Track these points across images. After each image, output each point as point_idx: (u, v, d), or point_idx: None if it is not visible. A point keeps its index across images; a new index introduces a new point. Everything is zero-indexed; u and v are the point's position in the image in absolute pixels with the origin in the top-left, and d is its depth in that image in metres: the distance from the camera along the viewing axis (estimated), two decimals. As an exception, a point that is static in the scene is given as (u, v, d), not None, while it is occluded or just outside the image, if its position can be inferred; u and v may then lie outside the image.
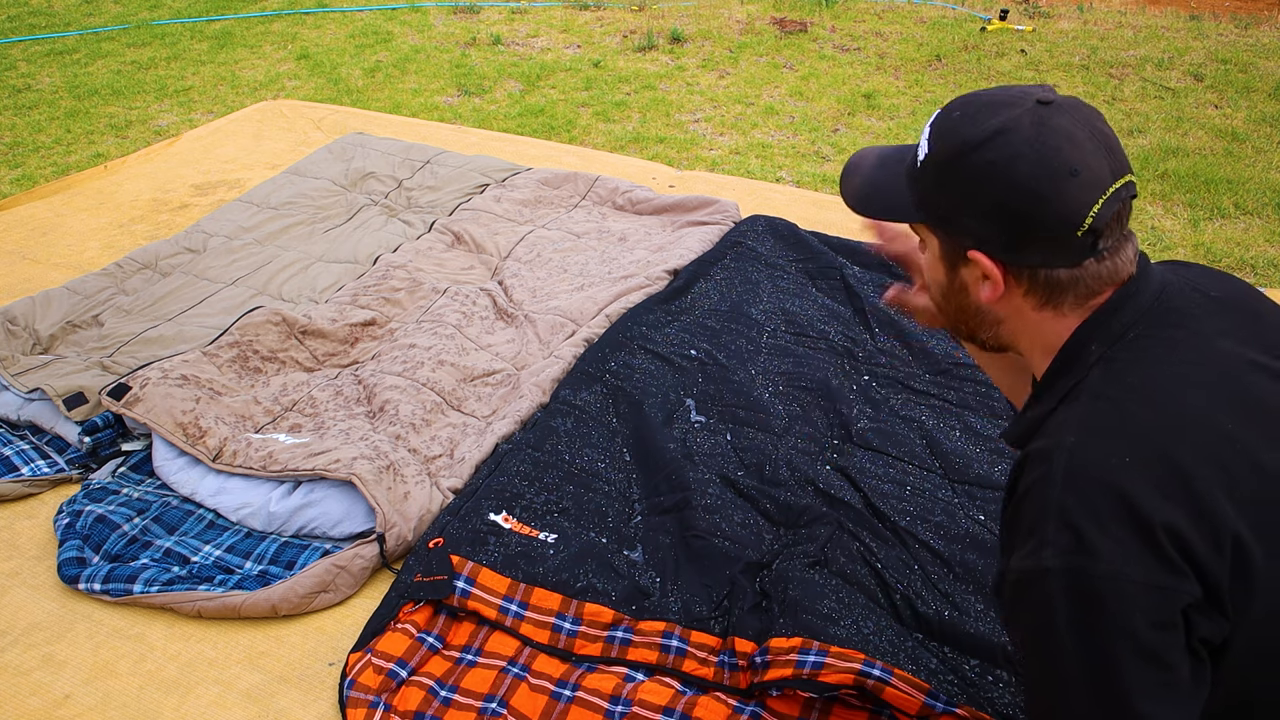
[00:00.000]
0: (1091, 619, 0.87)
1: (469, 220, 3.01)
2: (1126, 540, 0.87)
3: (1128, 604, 0.86)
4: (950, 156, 0.98)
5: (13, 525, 1.97)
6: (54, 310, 2.52)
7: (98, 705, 1.60)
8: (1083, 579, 0.87)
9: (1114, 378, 0.96)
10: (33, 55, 5.48)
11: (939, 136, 1.01)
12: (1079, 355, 0.99)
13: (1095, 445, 0.92)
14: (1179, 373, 0.94)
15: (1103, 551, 0.86)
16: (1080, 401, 0.95)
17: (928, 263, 1.08)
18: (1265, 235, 3.35)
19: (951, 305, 1.08)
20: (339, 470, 1.90)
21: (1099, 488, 0.89)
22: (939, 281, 1.08)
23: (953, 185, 0.99)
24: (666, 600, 1.70)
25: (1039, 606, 0.90)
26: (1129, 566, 0.86)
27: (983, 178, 0.96)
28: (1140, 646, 0.86)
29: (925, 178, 1.02)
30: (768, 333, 2.46)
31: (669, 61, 5.16)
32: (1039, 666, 0.93)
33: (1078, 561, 0.87)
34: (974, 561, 1.77)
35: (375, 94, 4.82)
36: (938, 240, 1.04)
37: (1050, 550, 0.89)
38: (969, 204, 0.98)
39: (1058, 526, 0.89)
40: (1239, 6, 5.86)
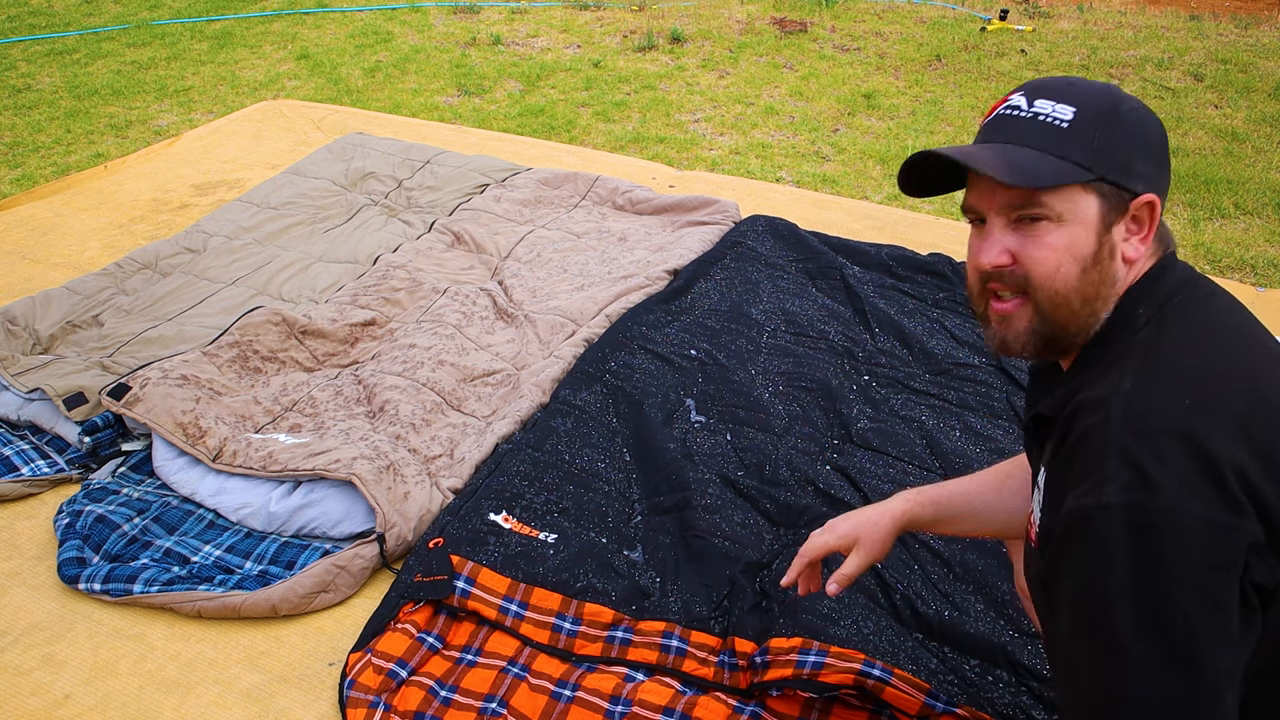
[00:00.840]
0: (1151, 554, 0.86)
1: (469, 220, 3.01)
2: (1189, 477, 0.86)
3: (1188, 541, 0.85)
4: (1109, 105, 1.01)
5: (13, 525, 1.97)
6: (54, 310, 2.52)
7: (98, 705, 1.60)
8: (1144, 514, 0.86)
9: (1163, 333, 0.98)
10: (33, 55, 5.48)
11: (1068, 97, 1.02)
12: (1126, 319, 1.01)
13: (1154, 389, 0.92)
14: (1222, 330, 0.99)
15: (1165, 487, 0.86)
16: (1134, 356, 0.97)
17: (1064, 241, 1.01)
18: (1265, 235, 3.34)
19: (1092, 280, 1.01)
20: (339, 470, 1.90)
21: (1161, 426, 0.89)
22: (1082, 256, 1.01)
23: (1125, 129, 1.01)
24: (666, 600, 1.70)
25: (1096, 543, 0.89)
26: (1191, 503, 0.86)
27: (1144, 119, 1.01)
28: (1197, 585, 0.85)
29: (1091, 132, 1.00)
30: (768, 333, 2.46)
31: (669, 61, 5.16)
32: (1086, 606, 0.91)
33: (1139, 497, 0.87)
34: (974, 561, 1.76)
35: (375, 94, 4.82)
36: (1098, 201, 1.00)
37: (1112, 486, 0.88)
38: (1142, 146, 1.01)
39: (1118, 464, 0.88)
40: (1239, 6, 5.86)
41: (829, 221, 3.08)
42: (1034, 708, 1.51)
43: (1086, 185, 1.00)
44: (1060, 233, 1.01)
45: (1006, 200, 1.02)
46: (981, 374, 2.30)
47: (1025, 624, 1.64)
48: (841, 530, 1.31)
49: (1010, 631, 1.63)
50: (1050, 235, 1.01)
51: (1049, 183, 1.00)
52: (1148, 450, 0.88)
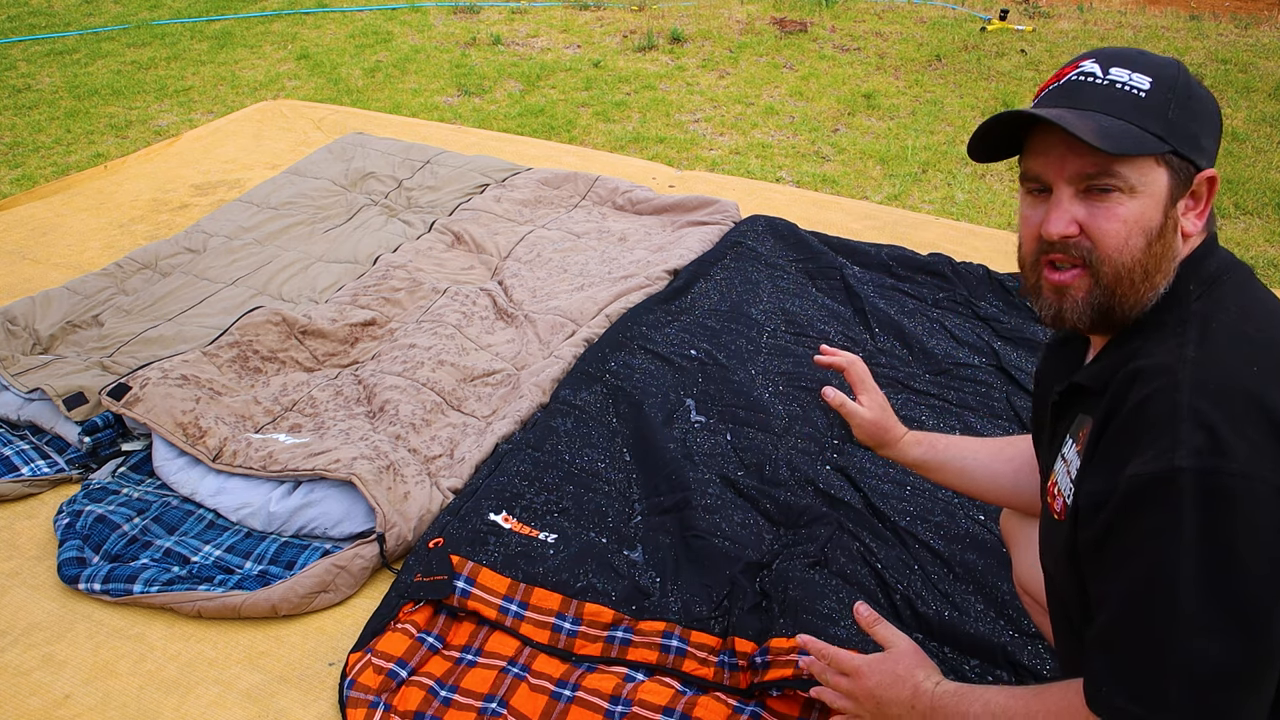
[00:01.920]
0: (1223, 517, 0.85)
1: (469, 220, 3.01)
2: (1262, 443, 0.86)
3: (1261, 506, 0.85)
4: (1180, 78, 1.00)
5: (13, 525, 1.97)
6: (54, 310, 2.52)
7: (98, 705, 1.60)
8: (1217, 478, 0.85)
9: (1219, 308, 0.98)
10: (33, 55, 5.47)
11: (1142, 66, 1.01)
12: (1179, 293, 1.01)
13: (1220, 356, 0.92)
14: (1272, 307, 0.99)
15: (1239, 452, 0.85)
16: (1192, 325, 0.96)
17: (1134, 213, 0.99)
18: (1265, 235, 3.34)
19: (1155, 253, 1.00)
20: (339, 470, 1.90)
21: (1232, 392, 0.89)
22: (1149, 228, 0.99)
23: (1194, 105, 1.00)
24: (666, 600, 1.70)
25: (1164, 507, 0.87)
26: (1265, 468, 0.85)
27: (1206, 95, 1.01)
28: (1267, 550, 0.85)
29: (1167, 105, 0.99)
30: (768, 333, 2.46)
31: (669, 61, 5.16)
32: (1147, 569, 0.89)
33: (1212, 462, 0.86)
34: (974, 561, 1.76)
35: (375, 94, 4.82)
36: (1168, 174, 0.99)
37: (1184, 450, 0.87)
38: (1208, 121, 1.01)
39: (1191, 428, 0.87)
40: (1239, 6, 5.86)
41: (829, 221, 3.08)
42: (1034, 708, 1.50)
43: (1159, 157, 0.99)
44: (1132, 204, 0.99)
45: (1079, 169, 0.99)
46: (981, 374, 2.30)
47: (1025, 624, 1.64)
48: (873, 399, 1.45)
49: (1010, 631, 1.63)
50: (1121, 207, 0.99)
51: (1133, 151, 0.98)
52: (1221, 414, 0.87)
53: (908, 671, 1.15)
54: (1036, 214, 1.04)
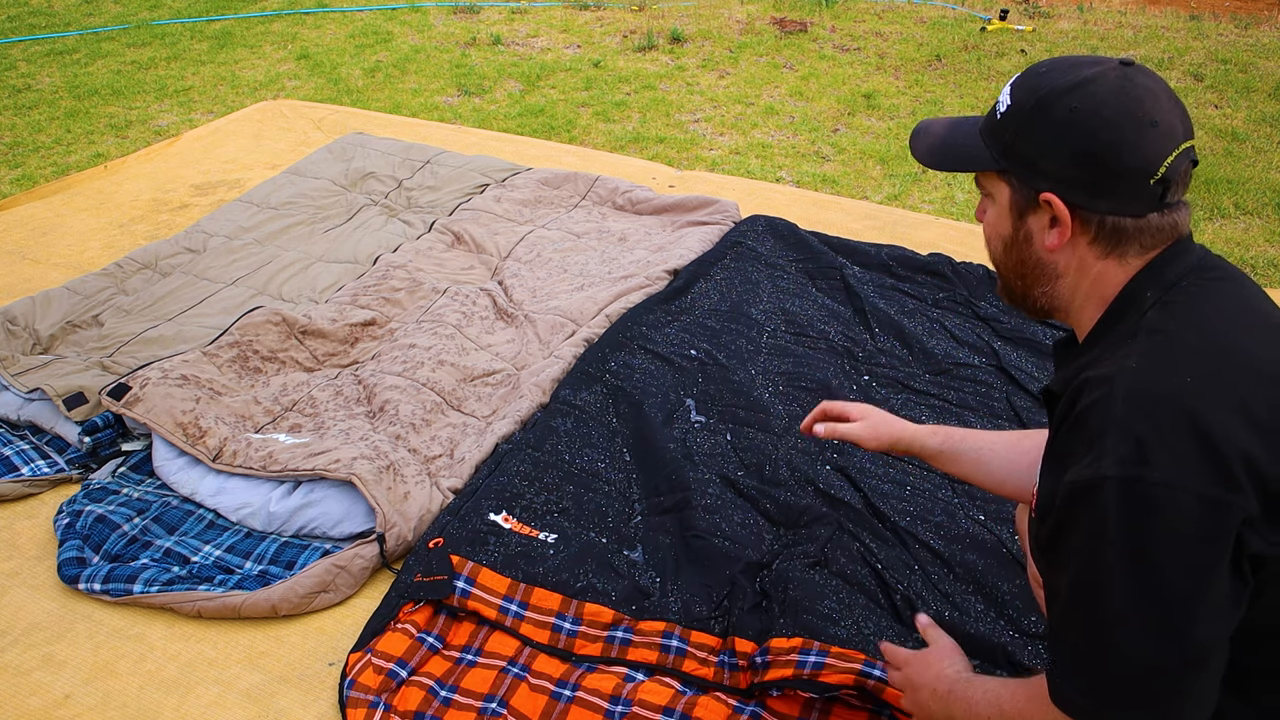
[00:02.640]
0: (1144, 524, 0.89)
1: (469, 220, 3.01)
2: (1186, 452, 0.89)
3: (1181, 513, 0.88)
4: (1038, 103, 1.04)
5: (13, 525, 1.97)
6: (54, 310, 2.52)
7: (98, 705, 1.60)
8: (1139, 486, 0.89)
9: (1169, 316, 1.00)
10: (33, 55, 5.47)
11: (1023, 89, 1.06)
12: (1134, 301, 1.03)
13: (1157, 367, 0.95)
14: (1229, 315, 1.00)
15: (1161, 461, 0.89)
16: (1140, 336, 0.99)
17: (993, 218, 1.12)
18: (1265, 235, 3.34)
19: (1013, 258, 1.11)
20: (339, 470, 1.90)
21: (1161, 402, 0.92)
22: (1003, 234, 1.11)
23: (1038, 129, 1.04)
24: (666, 600, 1.70)
25: (1093, 513, 0.92)
26: (1186, 477, 0.89)
27: (1069, 122, 1.02)
28: (1188, 556, 0.89)
29: (1008, 127, 1.07)
30: (768, 333, 2.46)
31: (669, 61, 5.16)
32: (1082, 570, 0.95)
33: (1136, 470, 0.90)
34: (974, 562, 1.76)
35: (375, 94, 4.82)
36: (1009, 189, 1.08)
37: (1110, 459, 0.91)
38: (1053, 147, 1.03)
39: (1118, 437, 0.91)
40: (1239, 6, 5.86)
41: (829, 221, 3.08)
42: (1034, 708, 1.50)
43: (1002, 173, 1.09)
44: (993, 210, 1.13)
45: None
46: (981, 374, 2.30)
47: (1025, 624, 1.64)
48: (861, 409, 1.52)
49: (1010, 631, 1.63)
50: (989, 211, 1.14)
51: (953, 167, 1.14)
52: (1147, 424, 0.91)
53: (938, 660, 1.28)
54: None
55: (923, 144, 1.19)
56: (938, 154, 1.16)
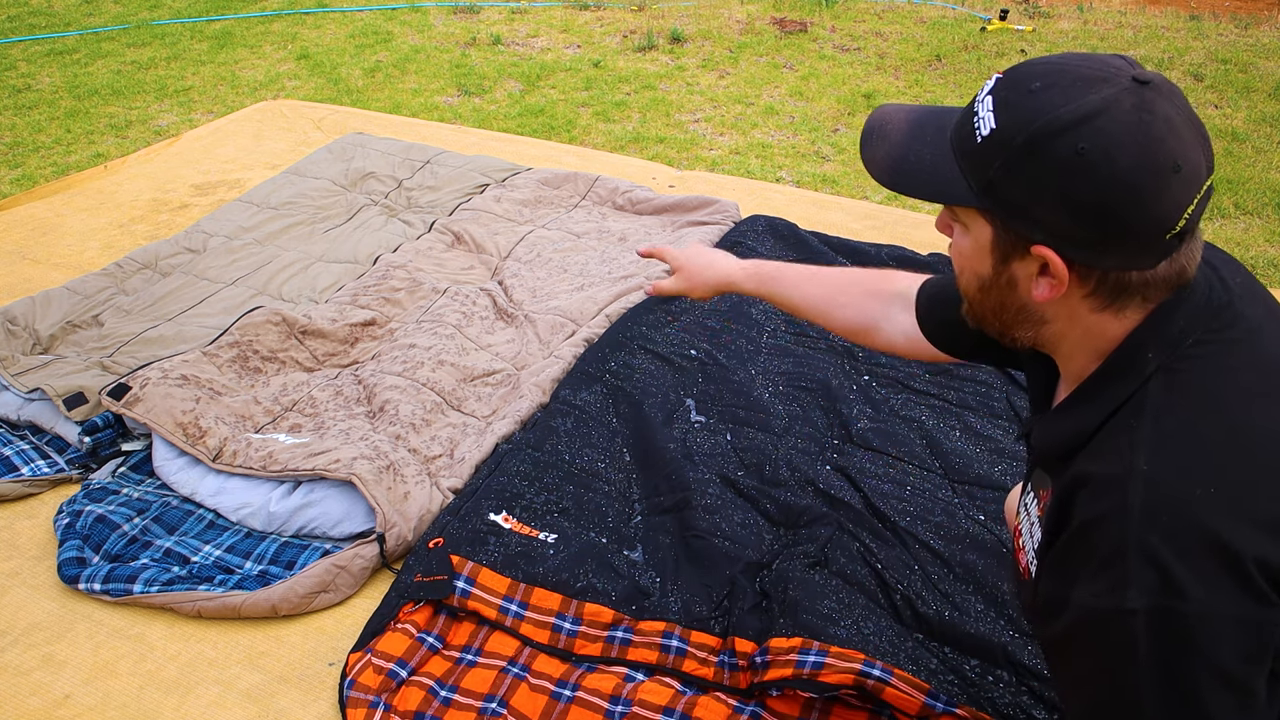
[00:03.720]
0: (1179, 657, 0.83)
1: (469, 220, 3.01)
2: (1216, 576, 0.82)
3: (1218, 640, 0.82)
4: (1033, 137, 0.84)
5: (13, 525, 1.97)
6: (54, 310, 2.52)
7: (98, 705, 1.60)
8: (1172, 619, 0.82)
9: (1179, 393, 0.88)
10: (33, 55, 5.47)
11: (1012, 111, 0.86)
12: (1134, 361, 0.90)
13: (1172, 474, 0.85)
14: (1243, 384, 0.89)
15: (1192, 591, 0.82)
16: (1145, 420, 0.88)
17: (967, 249, 0.95)
18: (1265, 235, 3.34)
19: (991, 300, 0.96)
20: (339, 470, 1.90)
21: (1183, 524, 0.83)
22: (979, 274, 0.95)
23: (1034, 172, 0.85)
24: (666, 600, 1.70)
25: (1119, 646, 0.85)
26: (1219, 604, 0.82)
27: (1074, 168, 0.82)
28: (1226, 677, 0.83)
29: (992, 159, 0.87)
30: (768, 333, 2.46)
31: (669, 61, 5.16)
32: (1111, 693, 0.87)
33: (1166, 602, 0.82)
34: (974, 561, 1.76)
35: (375, 94, 4.82)
36: (992, 230, 0.91)
37: (1134, 590, 0.83)
38: (1052, 195, 0.84)
39: (1140, 564, 0.83)
40: (1239, 6, 5.86)
41: (829, 221, 3.08)
42: (1035, 707, 1.51)
43: (980, 210, 0.91)
44: (964, 240, 0.96)
45: None
46: (981, 374, 2.30)
47: (1026, 624, 1.64)
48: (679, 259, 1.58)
49: (1010, 631, 1.63)
50: (958, 238, 0.97)
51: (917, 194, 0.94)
52: (1170, 550, 0.82)
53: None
54: None
55: (879, 153, 0.98)
56: (898, 172, 0.95)
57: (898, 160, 0.96)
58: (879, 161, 0.98)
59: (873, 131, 1.01)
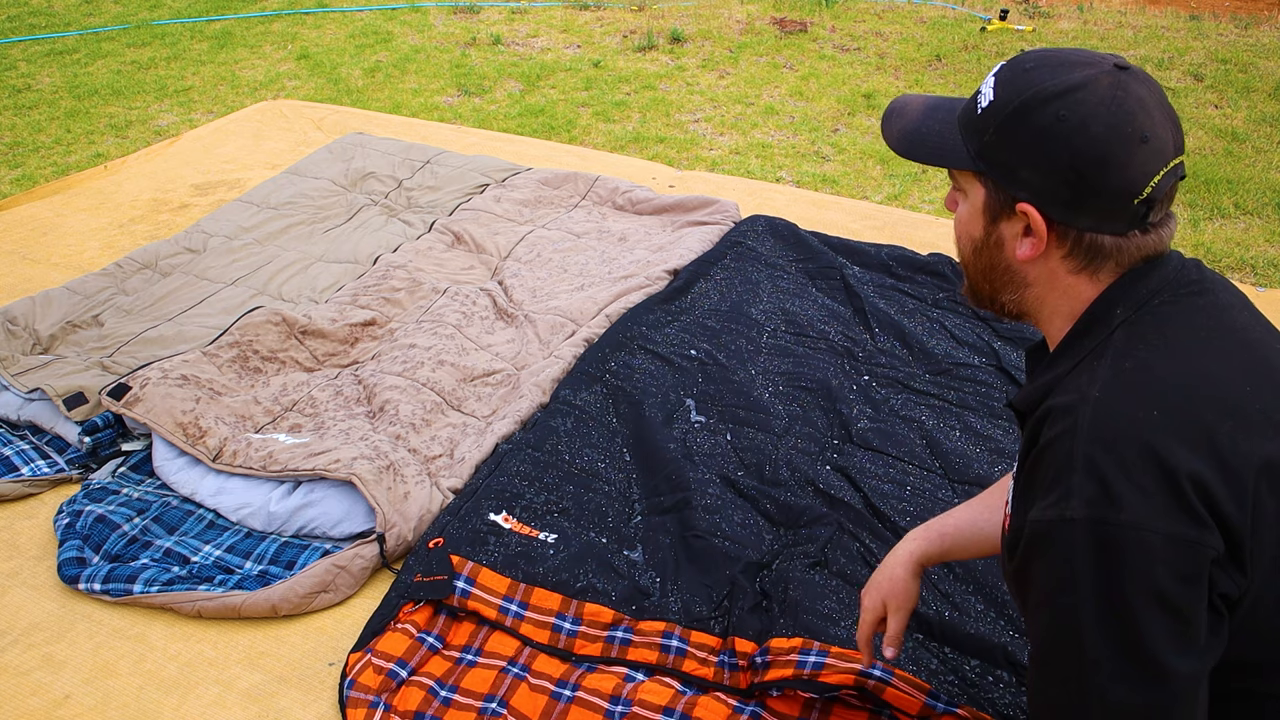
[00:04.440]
0: (1113, 568, 0.87)
1: (469, 220, 3.01)
2: (1153, 492, 0.86)
3: (1150, 555, 0.86)
4: (1022, 105, 0.97)
5: (13, 525, 1.97)
6: (54, 310, 2.52)
7: (98, 705, 1.60)
8: (1106, 529, 0.87)
9: (1138, 338, 0.96)
10: (33, 55, 5.47)
11: (1008, 85, 0.99)
12: (1103, 317, 0.99)
13: (1122, 399, 0.91)
14: (1201, 337, 0.96)
15: (1127, 502, 0.86)
16: (1104, 361, 0.95)
17: (964, 215, 1.07)
18: (1265, 235, 3.34)
19: (982, 261, 1.06)
20: (339, 470, 1.90)
21: (1126, 440, 0.89)
22: (973, 236, 1.06)
23: (1021, 135, 0.97)
24: (666, 600, 1.70)
25: (1060, 557, 0.90)
26: (1154, 518, 0.86)
27: (1054, 132, 0.95)
28: (1160, 597, 0.86)
29: (988, 125, 1.00)
30: (768, 333, 2.46)
31: (669, 61, 5.16)
32: (1054, 618, 0.92)
33: (1101, 512, 0.87)
34: (974, 562, 1.76)
35: (375, 94, 4.82)
36: (984, 191, 1.02)
37: (1075, 500, 0.88)
38: (1034, 156, 0.97)
39: (1083, 477, 0.88)
40: (1239, 6, 5.86)
41: (829, 221, 3.08)
42: (1034, 708, 1.51)
43: (978, 173, 1.03)
44: (964, 206, 1.07)
45: None
46: (981, 374, 2.30)
47: (1026, 624, 1.64)
48: (871, 603, 1.35)
49: (1010, 631, 1.63)
50: (960, 205, 1.08)
51: (925, 159, 1.06)
52: (1112, 463, 0.88)
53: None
54: None
55: (895, 127, 1.11)
56: (909, 141, 1.08)
57: (911, 132, 1.09)
58: (895, 134, 1.11)
59: (893, 112, 1.15)
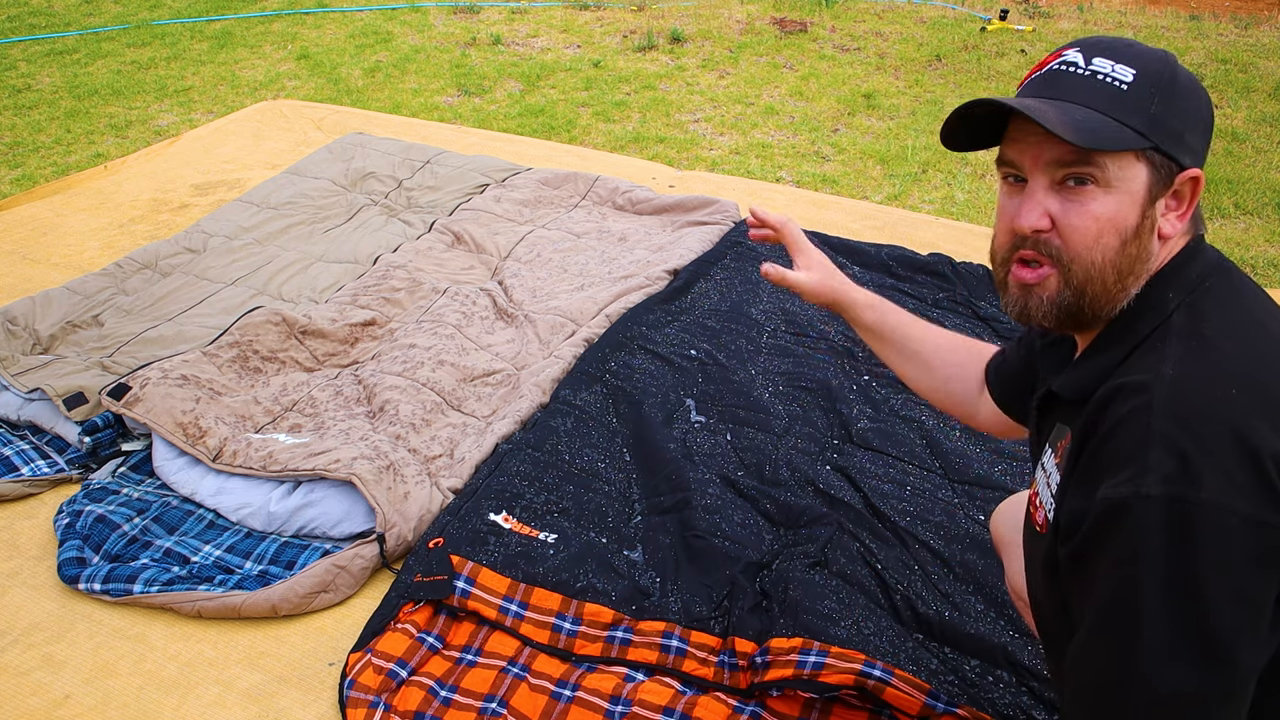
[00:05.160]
0: (1189, 549, 0.83)
1: (469, 220, 3.01)
2: (1234, 471, 0.83)
3: (1228, 537, 0.83)
4: (1166, 72, 0.96)
5: (13, 525, 1.97)
6: (54, 310, 2.52)
7: (98, 705, 1.60)
8: (1186, 507, 0.83)
9: (1201, 318, 0.94)
10: (33, 55, 5.47)
11: (1135, 58, 0.97)
12: (1156, 301, 0.97)
13: (1198, 377, 0.89)
14: (1259, 313, 0.96)
15: (1208, 480, 0.83)
16: (1171, 341, 0.93)
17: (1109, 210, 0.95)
18: (1265, 235, 3.34)
19: (1129, 255, 0.97)
20: (339, 470, 1.90)
21: (1206, 417, 0.86)
22: (1125, 228, 0.96)
23: (1182, 101, 0.96)
24: (666, 600, 1.70)
25: (1134, 534, 0.85)
26: (1234, 498, 0.83)
27: (1198, 92, 0.97)
28: (1234, 582, 0.83)
29: (1150, 99, 0.95)
30: (768, 333, 2.46)
31: (669, 61, 5.16)
32: (1115, 592, 0.88)
33: (1180, 490, 0.83)
34: (974, 561, 1.76)
35: (375, 94, 4.82)
36: (1148, 171, 0.95)
37: (1153, 477, 0.84)
38: (1195, 119, 0.97)
39: (1161, 453, 0.85)
40: (1239, 6, 5.86)
41: (829, 221, 3.08)
42: (1034, 708, 1.51)
43: (1140, 153, 0.95)
44: (1107, 200, 0.95)
45: (1056, 157, 0.95)
46: (982, 374, 2.30)
47: (1025, 624, 1.64)
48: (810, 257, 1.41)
49: (1010, 631, 1.63)
50: (1095, 202, 0.96)
51: (1108, 146, 0.93)
52: (1192, 440, 0.84)
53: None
54: (1012, 204, 1.00)
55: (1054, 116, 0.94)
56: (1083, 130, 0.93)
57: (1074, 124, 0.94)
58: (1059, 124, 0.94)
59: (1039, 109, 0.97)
